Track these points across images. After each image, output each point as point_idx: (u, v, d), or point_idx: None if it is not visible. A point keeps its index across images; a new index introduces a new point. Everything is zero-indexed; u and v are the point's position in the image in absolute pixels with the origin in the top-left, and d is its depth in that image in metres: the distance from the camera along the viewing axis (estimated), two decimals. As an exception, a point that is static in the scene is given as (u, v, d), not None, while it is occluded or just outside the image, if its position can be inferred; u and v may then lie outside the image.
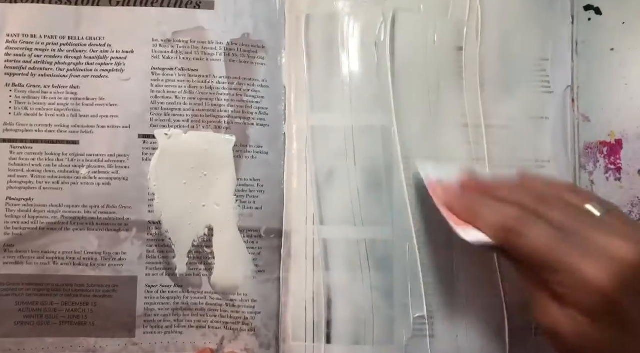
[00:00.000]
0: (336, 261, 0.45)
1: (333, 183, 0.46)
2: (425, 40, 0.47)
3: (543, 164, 0.47)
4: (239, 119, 0.46)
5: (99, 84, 0.45)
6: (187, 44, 0.46)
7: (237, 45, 0.46)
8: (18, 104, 0.45)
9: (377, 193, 0.46)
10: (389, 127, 0.46)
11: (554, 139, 0.47)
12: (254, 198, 0.46)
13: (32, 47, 0.45)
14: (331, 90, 0.47)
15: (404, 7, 0.47)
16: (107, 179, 0.45)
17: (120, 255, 0.45)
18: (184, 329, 0.45)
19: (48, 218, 0.44)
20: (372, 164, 0.46)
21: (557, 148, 0.47)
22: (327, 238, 0.46)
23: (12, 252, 0.44)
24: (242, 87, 0.46)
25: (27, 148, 0.45)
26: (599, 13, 0.49)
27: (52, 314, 0.44)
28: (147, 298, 0.45)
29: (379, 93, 0.47)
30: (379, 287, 0.45)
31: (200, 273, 0.45)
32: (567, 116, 0.47)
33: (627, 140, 0.48)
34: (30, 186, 0.44)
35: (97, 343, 0.45)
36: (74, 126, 0.45)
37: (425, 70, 0.47)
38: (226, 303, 0.45)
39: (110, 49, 0.45)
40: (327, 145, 0.46)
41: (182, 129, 0.45)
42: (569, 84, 0.48)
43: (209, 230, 0.45)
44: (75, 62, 0.45)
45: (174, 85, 0.46)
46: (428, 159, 0.46)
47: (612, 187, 0.47)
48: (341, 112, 0.46)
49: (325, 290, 0.45)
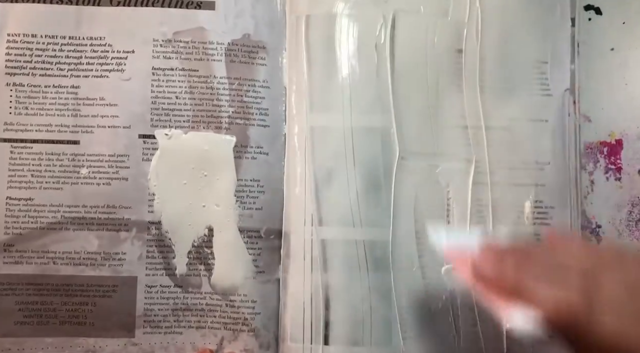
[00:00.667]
0: (335, 262, 0.45)
1: (332, 184, 0.46)
2: (425, 41, 0.47)
3: (543, 166, 0.47)
4: (239, 120, 0.46)
5: (99, 84, 0.45)
6: (187, 44, 0.46)
7: (238, 45, 0.46)
8: (18, 104, 0.45)
9: (376, 194, 0.46)
10: (389, 128, 0.46)
11: (554, 141, 0.47)
12: (254, 199, 0.46)
13: (33, 46, 0.45)
14: (331, 91, 0.47)
15: (404, 9, 0.47)
16: (107, 179, 0.45)
17: (120, 255, 0.45)
18: (183, 329, 0.45)
19: (48, 218, 0.44)
20: (371, 165, 0.46)
21: (556, 150, 0.47)
22: (326, 239, 0.45)
23: (12, 251, 0.44)
24: (242, 88, 0.46)
25: (28, 148, 0.45)
26: (599, 13, 0.49)
27: (52, 314, 0.44)
28: (147, 298, 0.45)
29: (379, 94, 0.47)
30: (377, 289, 0.45)
31: (200, 274, 0.45)
32: (565, 119, 0.47)
33: (628, 140, 0.47)
34: (30, 186, 0.44)
35: (96, 343, 0.45)
36: (74, 126, 0.45)
37: (424, 72, 0.47)
38: (226, 304, 0.45)
39: (111, 49, 0.45)
40: (326, 145, 0.46)
41: (182, 129, 0.45)
42: (567, 87, 0.47)
43: (209, 230, 0.45)
44: (75, 62, 0.45)
45: (174, 85, 0.46)
46: (439, 222, 0.46)
47: (612, 187, 0.47)
48: (341, 113, 0.46)
49: (323, 291, 0.45)
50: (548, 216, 0.46)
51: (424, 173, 0.46)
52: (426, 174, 0.46)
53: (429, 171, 0.46)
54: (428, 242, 0.45)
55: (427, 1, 0.47)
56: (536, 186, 0.46)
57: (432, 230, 0.40)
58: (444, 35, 0.47)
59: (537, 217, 0.46)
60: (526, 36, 0.48)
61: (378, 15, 0.47)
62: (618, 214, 0.47)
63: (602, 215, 0.47)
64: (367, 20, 0.47)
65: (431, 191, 0.46)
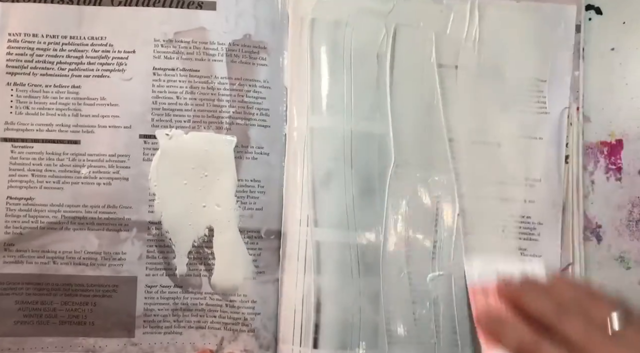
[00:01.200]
0: (327, 264, 0.45)
1: (329, 186, 0.46)
2: (423, 55, 0.47)
3: (533, 183, 0.47)
4: (240, 120, 0.46)
5: (100, 84, 0.45)
6: (188, 45, 0.46)
7: (239, 46, 0.46)
8: (19, 103, 0.45)
9: (370, 198, 0.46)
10: (385, 135, 0.46)
11: (547, 159, 0.47)
12: (255, 199, 0.46)
13: (34, 46, 0.45)
14: (332, 95, 0.46)
15: (405, 23, 0.47)
16: (107, 179, 0.45)
17: (121, 255, 0.45)
18: (183, 330, 0.45)
19: (48, 217, 0.44)
20: (367, 169, 0.46)
21: (549, 168, 0.47)
22: (320, 240, 0.45)
23: (13, 251, 0.44)
24: (243, 88, 0.46)
25: (28, 147, 0.45)
26: (599, 13, 0.49)
27: (52, 314, 0.44)
28: (147, 298, 0.45)
29: (378, 102, 0.47)
30: (367, 293, 0.45)
31: (200, 274, 0.45)
32: (562, 137, 0.47)
33: (628, 140, 0.48)
34: (31, 185, 0.44)
35: (96, 343, 0.44)
36: (75, 126, 0.45)
37: (421, 85, 0.47)
38: (226, 304, 0.45)
39: (112, 49, 0.45)
40: (325, 147, 0.46)
41: (183, 129, 0.45)
42: (566, 105, 0.47)
43: (209, 230, 0.45)
44: (76, 62, 0.45)
45: (175, 85, 0.46)
46: (477, 253, 0.46)
47: (612, 187, 0.47)
48: (341, 116, 0.46)
49: (315, 294, 0.45)
50: (535, 232, 0.47)
51: (416, 182, 0.46)
52: (418, 184, 0.46)
53: (421, 181, 0.47)
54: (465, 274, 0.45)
55: (427, 16, 0.48)
56: (525, 202, 0.47)
57: (469, 261, 0.45)
58: (442, 50, 0.47)
59: (523, 232, 0.47)
60: (525, 54, 0.48)
61: (381, 26, 0.47)
62: (618, 214, 0.47)
63: (602, 215, 0.47)
64: (370, 30, 0.47)
65: (422, 200, 0.46)
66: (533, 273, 0.43)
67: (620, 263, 0.47)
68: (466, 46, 0.48)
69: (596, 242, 0.47)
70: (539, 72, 0.48)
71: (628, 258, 0.47)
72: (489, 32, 0.48)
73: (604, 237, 0.47)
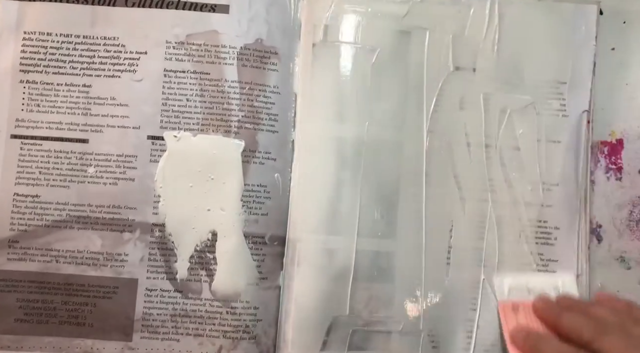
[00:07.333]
0: (340, 271, 0.44)
1: (341, 194, 0.45)
2: (439, 59, 0.46)
3: (550, 188, 0.46)
4: (248, 124, 0.45)
5: (111, 84, 0.45)
6: (200, 47, 0.46)
7: (250, 50, 0.46)
8: (31, 101, 0.45)
9: (384, 206, 0.45)
10: (400, 142, 0.46)
11: (565, 163, 0.46)
12: (260, 205, 0.45)
13: (48, 44, 0.45)
14: (344, 102, 0.46)
15: (421, 26, 0.47)
16: (114, 179, 0.45)
17: (122, 256, 0.44)
18: (181, 337, 0.44)
19: (53, 215, 0.44)
20: (381, 177, 0.45)
21: (567, 172, 0.46)
22: (333, 248, 0.44)
23: (17, 248, 0.44)
24: (253, 92, 0.46)
25: (37, 145, 0.45)
26: (599, 13, 0.48)
27: (52, 313, 0.44)
28: (147, 301, 0.44)
29: (392, 109, 0.46)
30: (380, 298, 0.44)
31: (201, 279, 0.44)
32: (581, 140, 0.46)
33: (628, 139, 0.47)
34: (37, 183, 0.45)
35: (94, 345, 0.44)
36: (84, 125, 0.45)
37: (436, 90, 0.46)
38: (226, 311, 0.44)
39: (124, 50, 0.46)
40: (336, 155, 0.45)
41: (191, 131, 0.45)
42: (585, 108, 0.46)
43: (212, 235, 0.45)
44: (88, 61, 0.46)
45: (185, 87, 0.45)
46: (506, 270, 0.45)
47: (612, 186, 0.46)
48: (353, 124, 0.46)
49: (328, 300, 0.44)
50: (552, 237, 0.45)
51: (437, 189, 0.46)
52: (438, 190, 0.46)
53: (445, 187, 0.46)
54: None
55: (444, 18, 0.47)
56: (542, 206, 0.45)
57: (498, 279, 0.44)
58: (460, 53, 0.47)
59: (540, 236, 0.45)
60: (546, 55, 0.47)
61: (396, 31, 0.47)
62: (619, 214, 0.46)
63: (602, 215, 0.46)
64: (385, 35, 0.47)
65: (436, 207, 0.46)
66: (564, 288, 0.43)
67: (621, 263, 0.46)
68: (485, 47, 0.47)
69: (596, 242, 0.46)
70: (560, 73, 0.47)
71: (628, 258, 0.46)
72: (508, 32, 0.47)
73: (604, 237, 0.46)
